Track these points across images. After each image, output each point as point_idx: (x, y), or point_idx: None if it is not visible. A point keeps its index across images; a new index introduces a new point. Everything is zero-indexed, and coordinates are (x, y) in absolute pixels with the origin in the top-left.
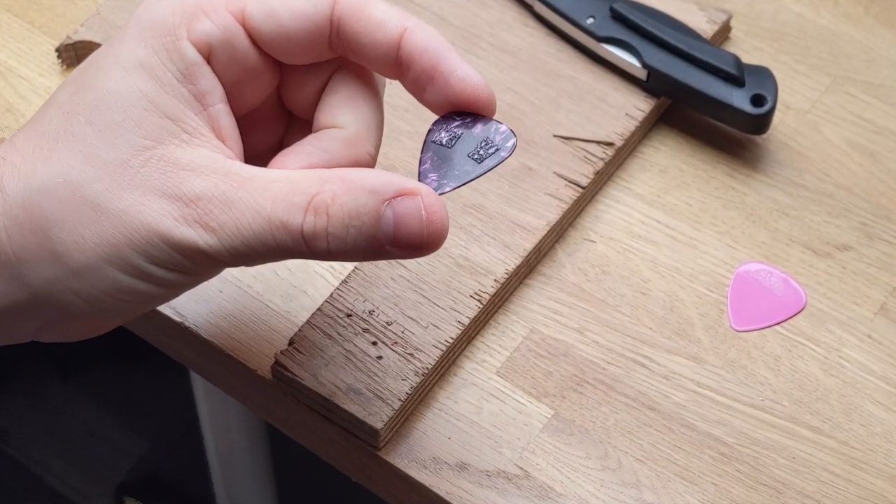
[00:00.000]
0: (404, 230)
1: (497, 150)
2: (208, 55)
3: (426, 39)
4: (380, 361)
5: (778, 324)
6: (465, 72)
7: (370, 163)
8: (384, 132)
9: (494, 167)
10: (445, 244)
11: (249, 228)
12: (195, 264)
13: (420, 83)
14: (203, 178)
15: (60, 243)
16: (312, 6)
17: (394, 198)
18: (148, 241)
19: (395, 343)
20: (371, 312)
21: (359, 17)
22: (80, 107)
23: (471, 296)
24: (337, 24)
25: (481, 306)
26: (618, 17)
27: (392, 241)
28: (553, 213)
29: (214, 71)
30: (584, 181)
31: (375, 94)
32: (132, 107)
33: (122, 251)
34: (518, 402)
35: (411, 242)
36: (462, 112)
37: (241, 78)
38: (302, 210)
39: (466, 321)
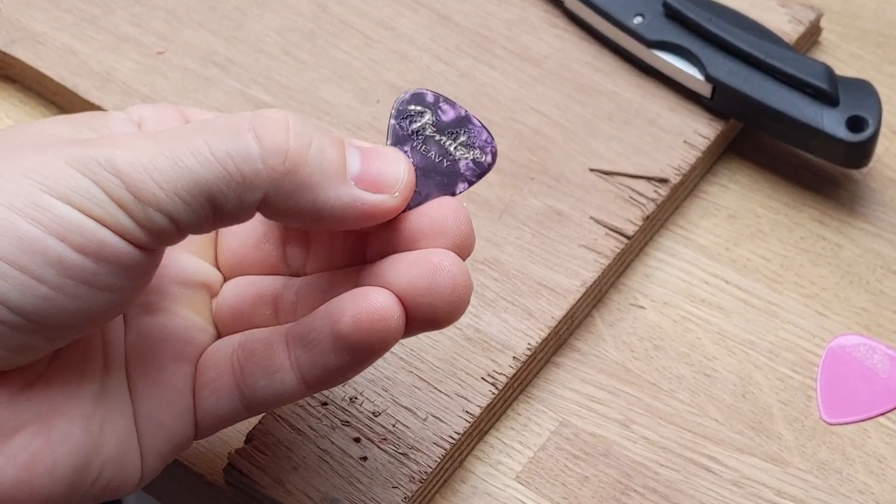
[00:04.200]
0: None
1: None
2: None
3: None
4: (364, 463)
5: (882, 414)
6: None
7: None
8: None
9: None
10: None
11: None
12: (117, 187)
13: None
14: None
15: None
16: None
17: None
18: (55, 163)
19: (384, 440)
20: (353, 400)
21: None
22: None
23: (483, 378)
24: None
25: (496, 392)
26: (673, 16)
27: (360, 170)
28: (590, 271)
29: None
30: (631, 229)
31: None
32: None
33: (26, 172)
34: None
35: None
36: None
37: None
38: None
39: (477, 411)
